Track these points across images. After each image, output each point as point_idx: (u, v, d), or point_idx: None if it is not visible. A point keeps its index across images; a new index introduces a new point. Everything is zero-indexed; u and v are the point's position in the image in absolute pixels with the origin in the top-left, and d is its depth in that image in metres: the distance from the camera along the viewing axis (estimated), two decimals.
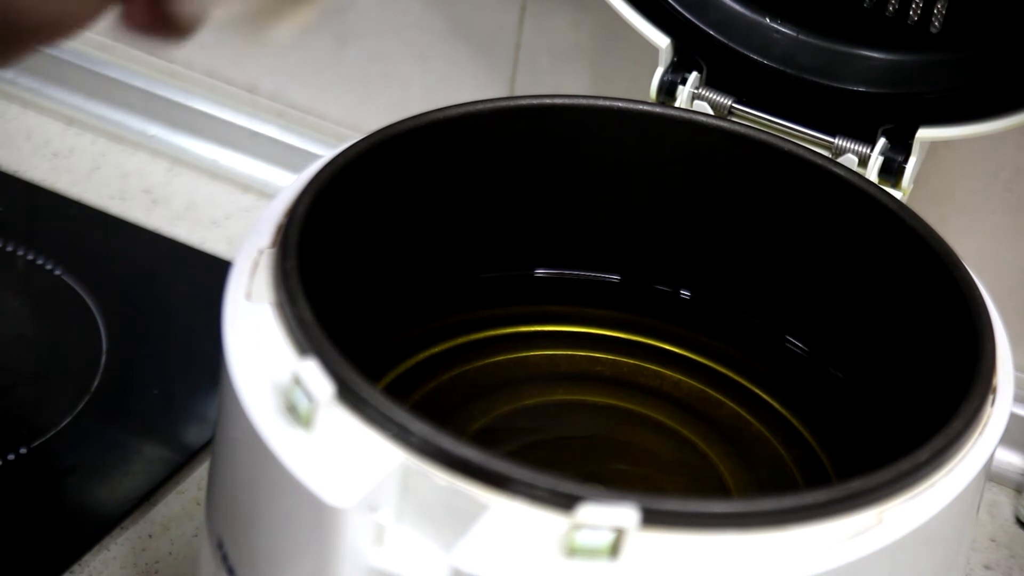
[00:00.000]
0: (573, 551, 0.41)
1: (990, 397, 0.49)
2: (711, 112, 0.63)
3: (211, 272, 0.74)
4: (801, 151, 0.58)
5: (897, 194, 0.59)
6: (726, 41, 0.63)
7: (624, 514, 0.41)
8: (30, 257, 0.75)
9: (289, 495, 0.43)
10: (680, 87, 0.64)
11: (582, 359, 0.61)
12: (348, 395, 0.44)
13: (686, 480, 0.57)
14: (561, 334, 0.61)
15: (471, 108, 0.58)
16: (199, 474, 0.65)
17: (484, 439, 0.56)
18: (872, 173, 0.61)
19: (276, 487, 0.43)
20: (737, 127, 0.59)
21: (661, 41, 0.64)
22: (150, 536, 0.63)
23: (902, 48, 0.62)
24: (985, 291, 0.53)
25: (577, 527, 0.41)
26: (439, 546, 0.42)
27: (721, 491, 0.56)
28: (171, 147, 0.85)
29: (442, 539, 0.42)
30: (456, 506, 0.42)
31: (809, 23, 0.63)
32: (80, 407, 0.67)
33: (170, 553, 0.62)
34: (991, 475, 0.64)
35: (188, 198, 0.82)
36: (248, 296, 0.48)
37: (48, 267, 0.74)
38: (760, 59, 0.63)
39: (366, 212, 0.56)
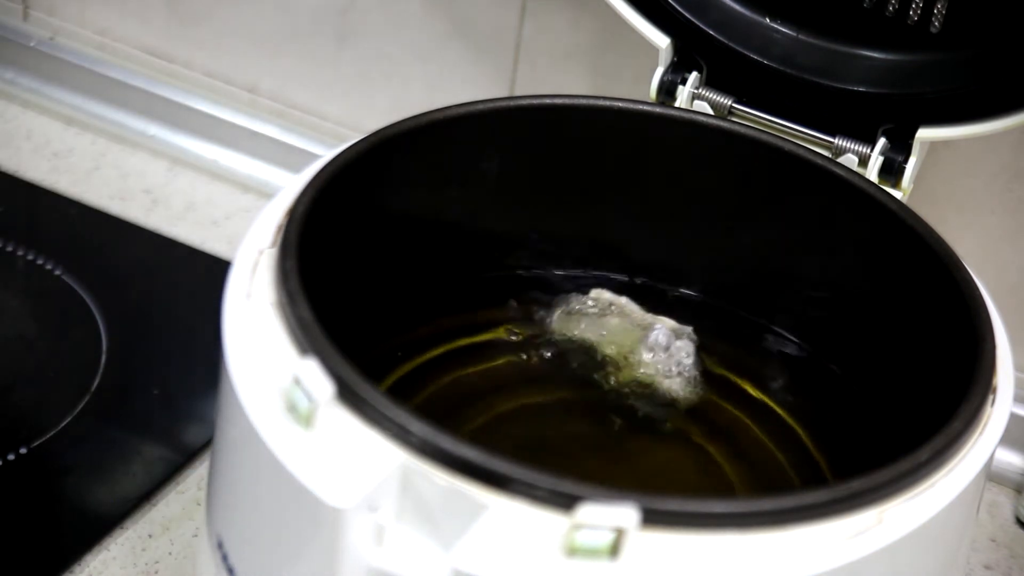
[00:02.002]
0: (573, 551, 0.41)
1: (990, 397, 0.49)
2: (711, 112, 0.63)
3: (211, 272, 0.74)
4: (801, 151, 0.58)
5: (897, 194, 0.59)
6: (726, 41, 0.63)
7: (624, 514, 0.41)
8: (30, 257, 0.75)
9: (289, 495, 0.43)
10: (680, 87, 0.64)
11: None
12: (348, 395, 0.44)
13: (686, 480, 0.57)
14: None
15: (471, 108, 0.58)
16: (199, 474, 0.65)
17: (484, 439, 0.56)
18: (872, 173, 0.61)
19: (276, 487, 0.43)
20: (737, 127, 0.59)
21: (661, 41, 0.64)
22: (150, 536, 0.63)
23: (902, 48, 0.62)
24: (985, 291, 0.53)
25: (577, 527, 0.41)
26: (439, 546, 0.42)
27: (721, 491, 0.56)
28: (171, 147, 0.85)
29: (442, 539, 0.42)
30: (456, 506, 0.42)
31: (809, 23, 0.63)
32: (80, 407, 0.67)
33: (170, 553, 0.62)
34: (991, 475, 0.64)
35: (188, 198, 0.82)
36: (248, 296, 0.48)
37: (48, 267, 0.74)
38: (760, 59, 0.63)
39: (366, 212, 0.56)
